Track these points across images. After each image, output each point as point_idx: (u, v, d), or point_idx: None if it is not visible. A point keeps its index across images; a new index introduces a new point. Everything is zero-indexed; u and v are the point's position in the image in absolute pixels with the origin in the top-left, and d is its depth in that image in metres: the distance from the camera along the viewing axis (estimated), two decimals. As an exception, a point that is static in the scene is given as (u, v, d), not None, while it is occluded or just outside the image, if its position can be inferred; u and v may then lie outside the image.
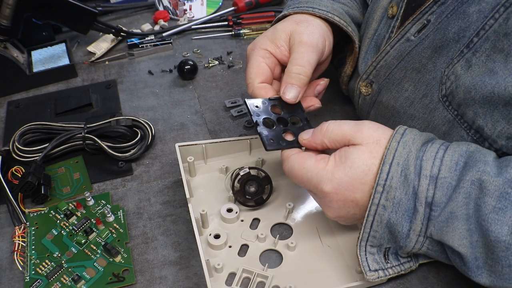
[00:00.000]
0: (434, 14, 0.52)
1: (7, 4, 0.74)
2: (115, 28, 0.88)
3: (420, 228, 0.46)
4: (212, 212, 0.59)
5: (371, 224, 0.48)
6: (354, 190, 0.48)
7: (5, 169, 0.65)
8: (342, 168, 0.48)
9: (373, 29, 0.62)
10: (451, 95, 0.50)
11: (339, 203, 0.49)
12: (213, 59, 0.86)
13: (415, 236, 0.47)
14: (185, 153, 0.63)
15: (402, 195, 0.46)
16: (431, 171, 0.45)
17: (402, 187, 0.46)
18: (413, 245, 0.48)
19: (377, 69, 0.59)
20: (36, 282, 0.53)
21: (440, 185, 0.45)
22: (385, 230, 0.48)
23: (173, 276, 0.55)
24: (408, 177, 0.46)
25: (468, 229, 0.44)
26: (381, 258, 0.50)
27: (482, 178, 0.43)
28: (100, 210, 0.61)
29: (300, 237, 0.57)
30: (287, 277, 0.53)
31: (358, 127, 0.49)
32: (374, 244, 0.50)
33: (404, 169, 0.46)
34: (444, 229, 0.45)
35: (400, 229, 0.47)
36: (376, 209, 0.47)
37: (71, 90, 0.81)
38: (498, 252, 0.42)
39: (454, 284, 0.53)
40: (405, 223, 0.47)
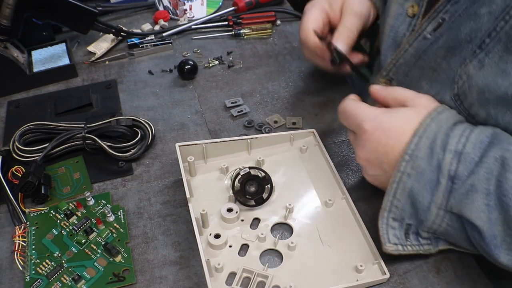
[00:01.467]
0: (448, 13, 0.52)
1: (7, 4, 0.74)
2: (115, 28, 0.88)
3: (441, 201, 0.48)
4: (212, 212, 0.59)
5: (394, 191, 0.50)
6: (390, 136, 0.50)
7: (5, 169, 0.65)
8: (389, 116, 0.51)
9: (390, 25, 0.62)
10: (463, 95, 0.51)
11: (372, 145, 0.51)
12: (213, 59, 0.86)
13: (436, 209, 0.48)
14: (185, 153, 0.63)
15: (427, 166, 0.48)
16: (456, 147, 0.47)
17: (427, 158, 0.48)
18: (434, 219, 0.49)
19: (397, 67, 0.60)
20: (36, 282, 0.54)
21: (463, 159, 0.47)
22: (407, 200, 0.50)
23: (173, 276, 0.55)
24: (434, 150, 0.48)
25: (487, 204, 0.45)
26: (401, 235, 0.52)
27: (505, 155, 0.45)
28: (100, 210, 0.61)
29: (300, 237, 0.57)
30: (287, 277, 0.53)
31: (419, 94, 0.53)
32: (396, 216, 0.51)
33: (432, 142, 0.48)
34: (463, 201, 0.46)
35: (421, 200, 0.48)
36: (401, 176, 0.49)
37: (71, 90, 0.81)
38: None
39: (454, 284, 0.53)
40: (427, 194, 0.48)
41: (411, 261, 0.55)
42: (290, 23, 0.96)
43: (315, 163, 0.66)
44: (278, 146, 0.67)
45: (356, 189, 0.63)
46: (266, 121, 0.73)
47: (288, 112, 0.75)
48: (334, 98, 0.77)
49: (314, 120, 0.73)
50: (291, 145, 0.68)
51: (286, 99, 0.77)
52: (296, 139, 0.68)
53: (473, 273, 0.54)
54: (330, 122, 0.73)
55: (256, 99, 0.78)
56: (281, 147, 0.68)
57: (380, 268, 0.53)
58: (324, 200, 0.61)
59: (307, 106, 0.76)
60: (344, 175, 0.65)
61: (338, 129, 0.72)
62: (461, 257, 0.55)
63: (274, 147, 0.67)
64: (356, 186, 0.64)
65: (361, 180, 0.64)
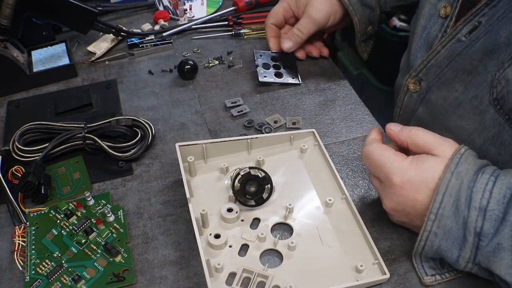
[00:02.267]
0: (486, 16, 0.52)
1: (7, 4, 0.74)
2: (115, 28, 0.88)
3: (469, 256, 0.48)
4: (212, 212, 0.59)
5: (422, 247, 0.51)
6: (418, 190, 0.50)
7: (5, 169, 0.64)
8: (416, 168, 0.50)
9: (422, 26, 0.62)
10: (502, 99, 0.51)
11: (400, 198, 0.51)
12: (213, 59, 0.86)
13: (464, 262, 0.49)
14: (185, 153, 0.63)
15: (453, 224, 0.48)
16: (480, 203, 0.47)
17: (453, 216, 0.48)
18: (463, 268, 0.49)
19: (428, 68, 0.59)
20: (36, 282, 0.53)
21: (489, 217, 0.46)
22: (436, 254, 0.51)
23: (173, 276, 0.55)
24: (459, 208, 0.48)
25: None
26: (437, 265, 0.53)
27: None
28: (100, 210, 0.61)
29: (300, 237, 0.57)
30: (287, 277, 0.53)
31: (443, 141, 0.52)
32: (426, 257, 0.52)
33: (456, 200, 0.48)
34: (491, 259, 0.46)
35: (450, 255, 0.49)
36: (428, 235, 0.50)
37: (71, 90, 0.81)
38: None
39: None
40: (455, 250, 0.48)
41: (411, 261, 0.55)
42: (290, 23, 0.96)
43: (315, 163, 0.66)
44: (278, 146, 0.67)
45: (356, 189, 0.63)
46: (266, 121, 0.73)
47: (288, 112, 0.75)
48: (334, 98, 0.77)
49: (314, 120, 0.73)
50: (291, 145, 0.68)
51: (286, 99, 0.77)
52: (296, 139, 0.68)
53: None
54: (330, 122, 0.73)
55: (256, 99, 0.78)
56: (281, 147, 0.67)
57: (380, 268, 0.53)
58: (324, 200, 0.61)
59: (307, 106, 0.76)
60: (344, 175, 0.65)
61: (338, 129, 0.72)
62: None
63: (274, 147, 0.67)
64: (356, 186, 0.64)
65: (361, 180, 0.64)
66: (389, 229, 0.58)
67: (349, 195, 0.60)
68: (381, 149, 0.53)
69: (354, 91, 0.79)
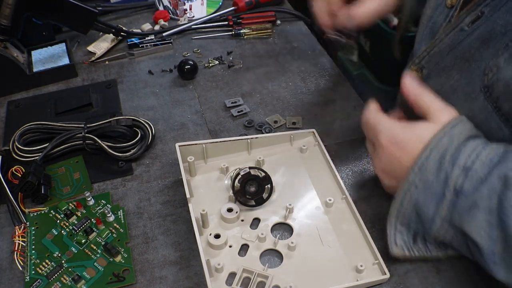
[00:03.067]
0: (488, 6, 0.52)
1: (7, 4, 0.74)
2: (115, 28, 0.88)
3: (445, 214, 0.48)
4: (212, 212, 0.59)
5: (401, 199, 0.51)
6: (405, 151, 0.51)
7: (5, 169, 0.64)
8: (406, 131, 0.52)
9: (428, 16, 0.63)
10: (492, 87, 0.51)
11: (387, 158, 0.52)
12: (213, 59, 0.86)
13: (440, 221, 0.49)
14: (185, 153, 0.63)
15: (434, 179, 0.48)
16: (465, 163, 0.47)
17: (436, 171, 0.48)
18: (438, 230, 0.49)
19: (430, 55, 0.60)
20: (36, 282, 0.53)
21: (470, 176, 0.47)
22: (413, 210, 0.51)
23: (173, 276, 0.55)
24: (443, 164, 0.48)
25: (488, 222, 0.45)
26: (409, 239, 0.53)
27: (508, 174, 0.45)
28: (100, 210, 0.61)
29: (300, 237, 0.57)
30: (287, 277, 0.53)
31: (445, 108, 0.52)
32: (403, 222, 0.52)
33: (442, 157, 0.48)
34: (465, 217, 0.46)
35: (427, 211, 0.49)
36: (408, 186, 0.50)
37: (71, 90, 0.81)
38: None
39: (454, 284, 0.53)
40: (432, 206, 0.49)
41: (411, 261, 0.55)
42: (290, 23, 0.96)
43: (315, 163, 0.66)
44: (278, 146, 0.67)
45: (356, 189, 0.63)
46: (266, 121, 0.73)
47: (288, 112, 0.75)
48: (334, 98, 0.77)
49: (314, 120, 0.73)
50: (291, 145, 0.68)
51: (286, 99, 0.77)
52: (296, 139, 0.68)
53: (473, 273, 0.54)
54: (330, 122, 0.73)
55: (256, 99, 0.78)
56: (281, 147, 0.67)
57: (380, 268, 0.53)
58: (324, 200, 0.61)
59: (307, 106, 0.76)
60: (344, 175, 0.65)
61: (338, 129, 0.72)
62: (461, 258, 0.55)
63: (274, 147, 0.67)
64: (356, 186, 0.64)
65: (361, 180, 0.64)
66: (389, 229, 0.58)
67: (349, 195, 0.60)
68: (377, 113, 0.55)
69: (354, 91, 0.79)
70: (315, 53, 0.87)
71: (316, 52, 0.88)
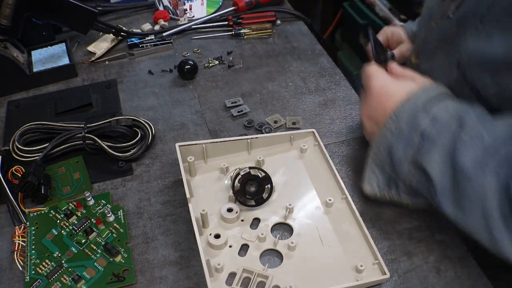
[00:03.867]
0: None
1: (7, 4, 0.74)
2: (115, 28, 0.88)
3: (411, 156, 0.53)
4: (212, 212, 0.59)
5: (378, 144, 0.56)
6: (390, 99, 0.56)
7: (5, 169, 0.65)
8: (396, 82, 0.58)
9: (428, 7, 0.69)
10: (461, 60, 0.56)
11: (374, 103, 0.58)
12: (213, 59, 0.86)
13: (407, 164, 0.54)
14: (185, 153, 0.63)
15: (406, 126, 0.54)
16: (434, 113, 0.52)
17: (408, 119, 0.54)
18: (406, 173, 0.54)
19: (424, 42, 0.66)
20: (36, 282, 0.53)
21: (437, 124, 0.52)
22: (387, 154, 0.56)
23: (173, 276, 0.55)
24: (416, 114, 0.53)
25: (442, 160, 0.50)
26: (384, 184, 0.58)
27: (464, 117, 0.51)
28: (100, 210, 0.61)
29: (300, 237, 0.57)
30: (287, 277, 0.53)
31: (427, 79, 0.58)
32: (378, 165, 0.57)
33: (416, 107, 0.54)
34: (425, 156, 0.51)
35: (396, 154, 0.54)
36: (384, 131, 0.55)
37: (71, 90, 0.81)
38: (462, 183, 0.48)
39: (454, 284, 0.53)
40: (401, 149, 0.54)
41: (411, 261, 0.55)
42: (290, 23, 0.96)
43: (315, 163, 0.66)
44: (278, 146, 0.67)
45: (356, 189, 0.63)
46: (266, 121, 0.73)
47: (288, 112, 0.75)
48: (334, 98, 0.77)
49: (314, 120, 0.73)
50: (291, 145, 0.68)
51: (286, 99, 0.77)
52: (296, 139, 0.68)
53: (473, 273, 0.54)
54: (330, 122, 0.73)
55: (256, 99, 0.78)
56: (281, 147, 0.68)
57: (380, 268, 0.53)
58: (324, 200, 0.61)
59: (307, 106, 0.76)
60: (344, 175, 0.65)
61: (338, 129, 0.72)
62: (461, 257, 0.55)
63: (274, 147, 0.67)
64: (356, 186, 0.64)
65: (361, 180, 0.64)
66: (389, 229, 0.58)
67: (349, 195, 0.60)
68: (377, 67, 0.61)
69: (354, 91, 0.79)
70: (315, 53, 0.87)
71: (316, 52, 0.88)
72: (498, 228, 0.46)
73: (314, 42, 0.91)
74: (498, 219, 0.46)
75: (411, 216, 0.60)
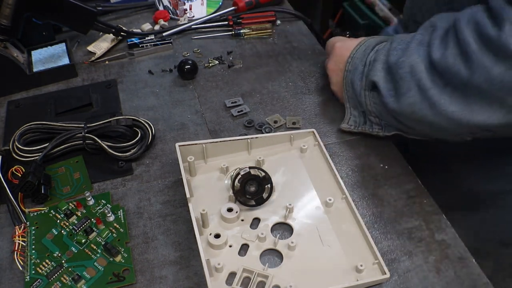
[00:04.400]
0: None
1: (7, 4, 0.74)
2: (115, 28, 0.88)
3: (364, 83, 0.65)
4: (212, 212, 0.59)
5: (345, 85, 0.69)
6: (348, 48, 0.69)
7: (5, 169, 0.65)
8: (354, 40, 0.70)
9: None
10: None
11: (337, 57, 0.71)
12: (213, 59, 0.86)
13: (363, 91, 0.65)
14: (185, 153, 0.63)
15: (359, 62, 0.66)
16: (379, 47, 0.65)
17: (360, 57, 0.67)
18: (364, 100, 0.66)
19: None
20: (36, 281, 0.54)
21: (378, 50, 0.65)
22: (352, 90, 0.67)
23: (173, 275, 0.55)
24: (366, 52, 0.66)
25: (382, 67, 0.62)
26: (360, 120, 0.69)
27: (395, 36, 0.64)
28: (100, 209, 0.61)
29: (300, 237, 0.57)
30: (287, 276, 0.53)
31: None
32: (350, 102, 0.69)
33: (366, 48, 0.67)
34: (371, 73, 0.64)
35: (356, 87, 0.66)
36: (346, 73, 0.68)
37: (71, 90, 0.81)
38: (396, 73, 0.59)
39: (454, 284, 0.53)
40: (358, 82, 0.66)
41: (411, 261, 0.55)
42: (290, 23, 0.96)
43: (315, 163, 0.66)
44: (278, 146, 0.67)
45: (356, 189, 0.63)
46: (266, 121, 0.73)
47: (288, 112, 0.75)
48: (334, 98, 0.77)
49: (314, 120, 0.73)
50: (291, 145, 0.68)
51: (286, 99, 0.77)
52: (296, 139, 0.68)
53: (473, 273, 0.54)
54: (330, 122, 0.73)
55: (256, 99, 0.78)
56: (281, 147, 0.68)
57: (380, 268, 0.53)
58: (324, 200, 0.61)
59: (307, 106, 0.76)
60: (344, 175, 0.65)
61: (338, 129, 0.72)
62: (461, 257, 0.55)
63: (274, 147, 0.67)
64: (356, 186, 0.64)
65: (361, 180, 0.64)
66: (389, 229, 0.58)
67: (349, 195, 0.60)
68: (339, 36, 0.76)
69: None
70: (315, 53, 0.87)
71: (316, 52, 0.88)
72: (434, 94, 0.57)
73: (314, 42, 0.91)
74: (431, 88, 0.57)
75: (411, 216, 0.60)
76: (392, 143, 0.69)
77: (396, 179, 0.64)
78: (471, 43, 0.53)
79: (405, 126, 0.64)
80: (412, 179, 0.64)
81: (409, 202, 0.61)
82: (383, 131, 0.67)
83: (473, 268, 0.54)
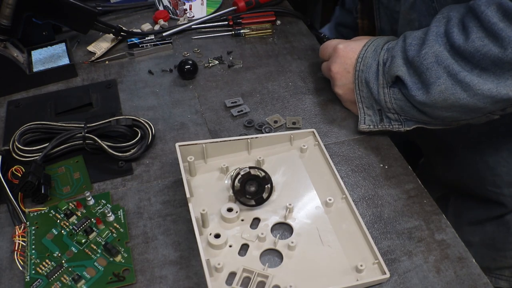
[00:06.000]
0: None
1: (7, 4, 0.74)
2: (115, 28, 0.88)
3: (382, 82, 0.66)
4: (212, 212, 0.59)
5: (357, 85, 0.69)
6: (353, 49, 0.70)
7: (5, 169, 0.65)
8: (355, 41, 0.72)
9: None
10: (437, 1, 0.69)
11: (342, 59, 0.70)
12: (213, 58, 0.86)
13: (381, 89, 0.66)
14: (185, 153, 0.63)
15: (372, 61, 0.67)
16: (388, 46, 0.67)
17: (372, 56, 0.67)
18: (383, 97, 0.66)
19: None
20: (36, 281, 0.54)
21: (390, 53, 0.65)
22: (366, 89, 0.68)
23: (174, 275, 0.55)
24: (376, 51, 0.67)
25: (403, 62, 0.63)
26: (376, 118, 0.69)
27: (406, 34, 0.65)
28: (100, 209, 0.61)
29: (300, 237, 0.57)
30: (287, 276, 0.53)
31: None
32: (365, 102, 0.69)
33: (376, 47, 0.68)
34: (391, 68, 0.64)
35: (372, 86, 0.67)
36: (358, 73, 0.68)
37: (71, 90, 0.81)
38: (421, 65, 0.60)
39: (454, 284, 0.53)
40: (374, 80, 0.66)
41: (411, 261, 0.55)
42: (290, 23, 0.96)
43: (315, 163, 0.66)
44: (278, 146, 0.67)
45: (356, 189, 0.63)
46: (266, 121, 0.73)
47: (288, 112, 0.75)
48: (334, 98, 0.77)
49: (314, 120, 0.73)
50: (291, 145, 0.68)
51: (286, 99, 0.77)
52: (296, 139, 0.68)
53: (473, 273, 0.54)
54: (330, 122, 0.73)
55: (256, 99, 0.78)
56: (281, 147, 0.68)
57: (380, 268, 0.53)
58: (324, 200, 0.61)
59: (307, 106, 0.76)
60: (344, 175, 0.65)
61: (338, 129, 0.72)
62: (461, 257, 0.55)
63: (274, 147, 0.67)
64: (356, 186, 0.64)
65: (361, 180, 0.64)
66: (389, 229, 0.58)
67: (349, 195, 0.60)
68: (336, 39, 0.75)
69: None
70: (315, 53, 0.87)
71: (316, 52, 0.87)
72: (466, 76, 0.58)
73: (314, 42, 0.91)
74: (461, 71, 0.58)
75: (411, 216, 0.60)
76: (392, 143, 0.69)
77: (396, 179, 0.64)
78: (496, 23, 0.55)
79: (428, 117, 0.65)
80: (412, 179, 0.64)
81: (409, 202, 0.61)
82: (404, 126, 0.67)
83: (473, 268, 0.54)
